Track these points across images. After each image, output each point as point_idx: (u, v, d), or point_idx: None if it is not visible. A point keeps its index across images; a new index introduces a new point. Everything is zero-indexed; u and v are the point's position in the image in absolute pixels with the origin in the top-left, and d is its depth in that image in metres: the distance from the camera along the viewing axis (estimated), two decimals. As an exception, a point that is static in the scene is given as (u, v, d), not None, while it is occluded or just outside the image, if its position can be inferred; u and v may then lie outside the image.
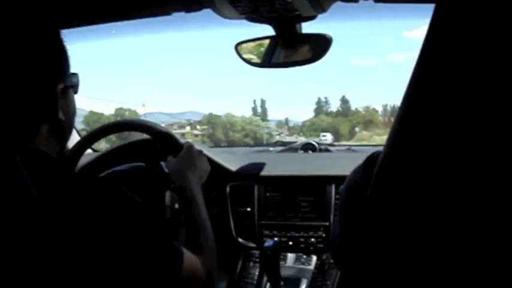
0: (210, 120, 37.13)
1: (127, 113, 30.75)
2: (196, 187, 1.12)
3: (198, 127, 37.36)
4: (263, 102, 52.32)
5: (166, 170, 1.34)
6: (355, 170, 0.70)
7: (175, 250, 0.79)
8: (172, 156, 1.22)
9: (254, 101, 52.34)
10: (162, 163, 1.37)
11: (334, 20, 1.29)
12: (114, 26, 1.23)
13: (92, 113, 28.00)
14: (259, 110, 51.09)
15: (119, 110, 31.00)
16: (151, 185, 1.33)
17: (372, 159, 0.65)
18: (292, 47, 1.21)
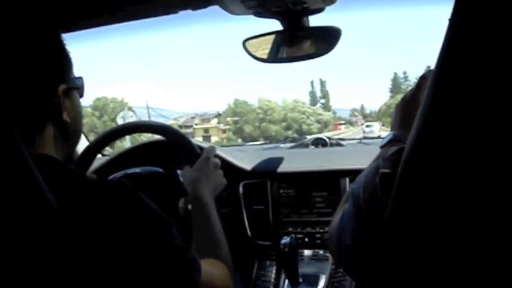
0: (237, 109, 27.80)
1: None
2: (210, 200, 1.09)
3: (228, 119, 29.26)
4: (323, 83, 39.63)
5: (181, 179, 1.32)
6: (375, 169, 0.66)
7: (194, 263, 0.75)
8: (189, 165, 1.19)
9: (312, 83, 40.22)
10: (179, 171, 1.35)
11: (342, 12, 1.27)
12: (117, 28, 1.22)
13: (97, 99, 26.80)
14: (318, 94, 39.23)
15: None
16: (166, 192, 1.30)
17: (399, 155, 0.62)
18: (295, 43, 1.20)
